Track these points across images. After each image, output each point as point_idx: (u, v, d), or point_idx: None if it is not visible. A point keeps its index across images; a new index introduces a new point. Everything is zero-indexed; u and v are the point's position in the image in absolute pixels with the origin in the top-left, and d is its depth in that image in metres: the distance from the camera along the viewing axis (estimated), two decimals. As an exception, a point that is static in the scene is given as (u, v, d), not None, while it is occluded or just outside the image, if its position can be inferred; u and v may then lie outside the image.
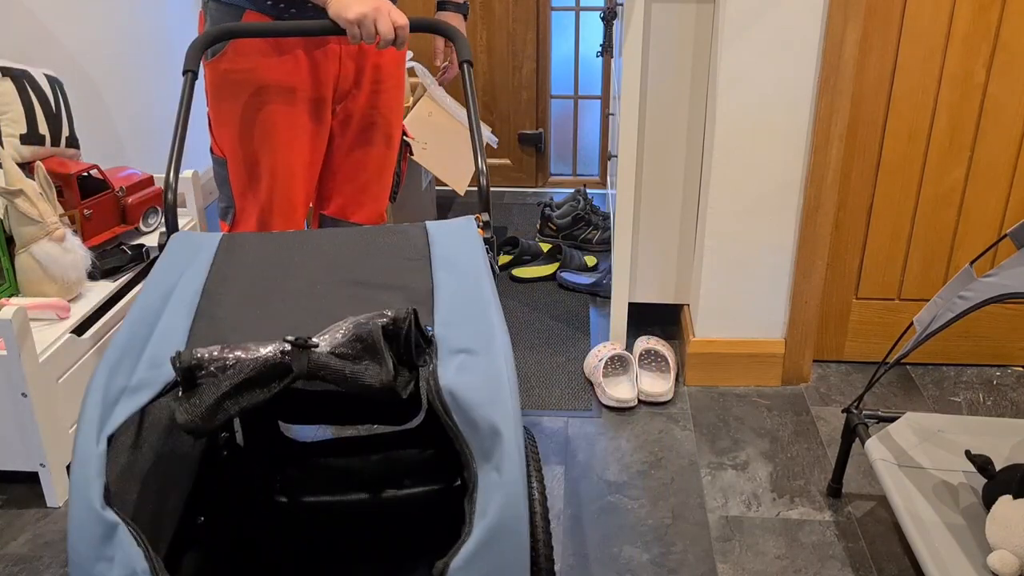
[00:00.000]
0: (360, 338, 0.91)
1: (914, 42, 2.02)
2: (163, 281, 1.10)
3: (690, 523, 1.79)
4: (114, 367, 0.92)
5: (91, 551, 0.77)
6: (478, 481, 0.88)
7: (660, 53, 2.16)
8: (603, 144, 3.59)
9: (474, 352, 0.99)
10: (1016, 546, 1.41)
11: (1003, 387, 2.24)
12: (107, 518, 0.78)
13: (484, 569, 0.86)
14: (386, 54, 1.74)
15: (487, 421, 0.91)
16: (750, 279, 2.18)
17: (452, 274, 1.16)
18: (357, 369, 0.90)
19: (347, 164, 1.81)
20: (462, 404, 0.92)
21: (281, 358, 0.89)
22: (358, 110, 1.76)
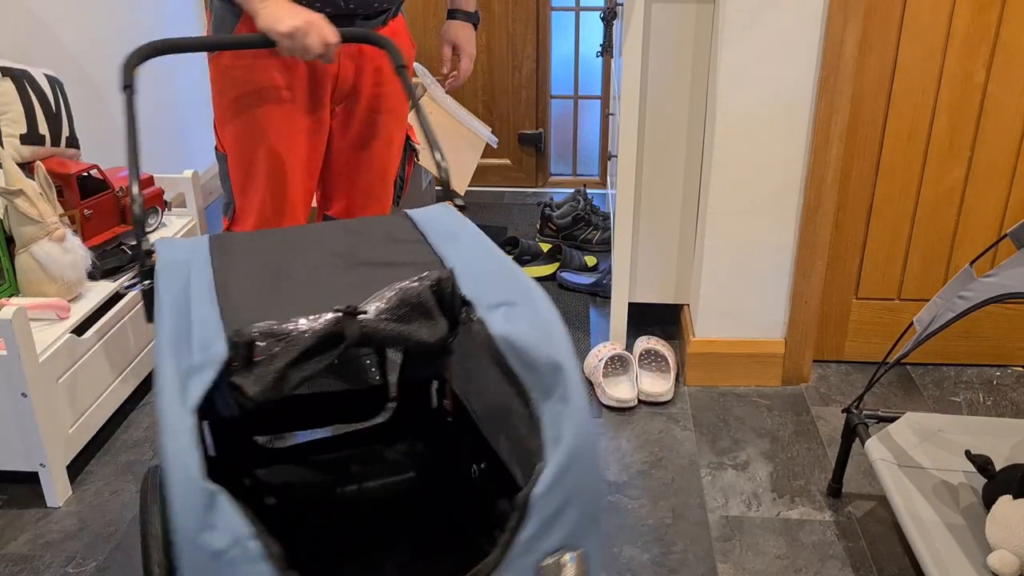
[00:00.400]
0: (406, 302, 0.94)
1: (914, 42, 2.02)
2: (175, 281, 1.09)
3: (690, 523, 1.79)
4: (174, 349, 0.92)
5: (196, 521, 0.77)
6: (543, 416, 0.91)
7: (660, 53, 2.16)
8: (603, 144, 3.59)
9: (515, 303, 1.01)
10: (1016, 546, 1.41)
11: (1003, 387, 2.24)
12: (208, 488, 0.79)
13: (564, 493, 0.89)
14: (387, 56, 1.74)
15: (546, 358, 0.93)
16: (750, 279, 2.19)
17: (458, 248, 1.17)
18: (410, 329, 0.94)
19: (349, 165, 1.81)
20: (518, 347, 0.95)
21: (334, 327, 0.91)
22: (359, 112, 1.76)
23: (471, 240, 1.20)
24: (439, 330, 0.96)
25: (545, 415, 0.92)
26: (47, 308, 1.91)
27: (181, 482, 0.78)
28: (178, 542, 0.77)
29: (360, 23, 1.66)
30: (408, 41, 1.80)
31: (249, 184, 1.71)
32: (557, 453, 0.89)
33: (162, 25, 3.09)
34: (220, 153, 1.74)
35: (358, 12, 1.64)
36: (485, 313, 0.99)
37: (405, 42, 1.79)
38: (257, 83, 1.64)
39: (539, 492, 0.88)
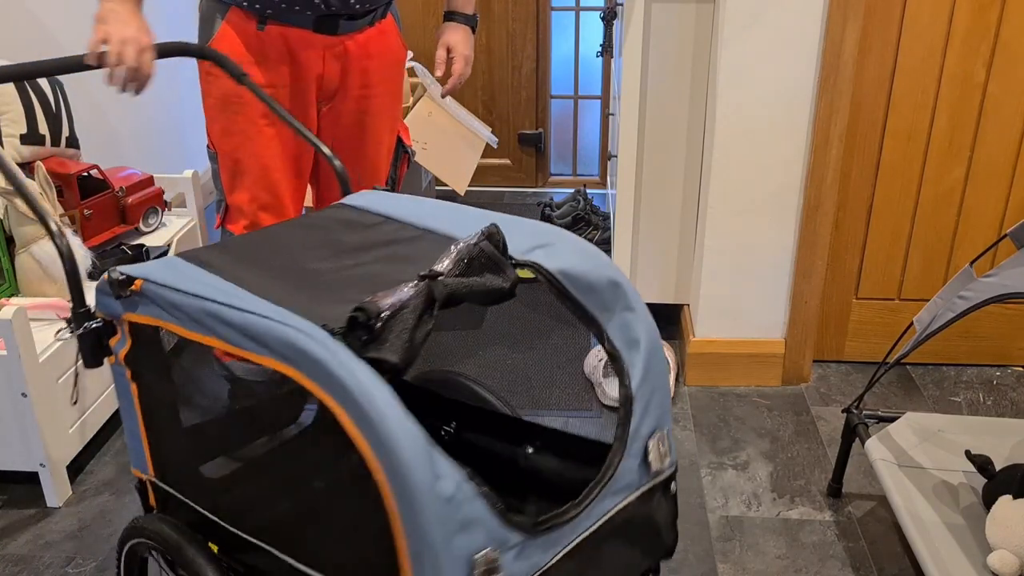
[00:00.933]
0: (472, 258, 0.98)
1: (914, 42, 2.02)
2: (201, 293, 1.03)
3: (690, 523, 1.79)
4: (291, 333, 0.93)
5: (429, 475, 0.85)
6: (611, 327, 1.06)
7: (660, 53, 2.16)
8: (603, 144, 3.59)
9: (550, 244, 1.09)
10: (1016, 546, 1.41)
11: (1003, 387, 2.24)
12: (429, 444, 0.86)
13: (651, 384, 1.08)
14: (376, 56, 1.73)
15: (603, 278, 1.07)
16: (750, 279, 2.19)
17: (448, 221, 1.19)
18: (485, 280, 0.98)
19: None
20: (574, 276, 1.05)
21: (426, 291, 0.93)
22: (347, 112, 1.75)
23: (458, 211, 1.22)
24: (510, 276, 1.00)
25: (613, 326, 1.06)
26: (47, 308, 1.91)
27: (411, 445, 0.85)
28: (416, 496, 0.84)
29: (344, 24, 1.66)
30: (398, 42, 1.79)
31: (238, 182, 1.71)
32: (639, 352, 1.07)
33: (162, 25, 3.08)
34: (211, 151, 1.75)
35: (342, 13, 1.63)
36: (527, 256, 1.05)
37: (395, 43, 1.78)
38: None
39: (636, 386, 1.06)
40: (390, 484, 0.86)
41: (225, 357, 1.34)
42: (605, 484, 1.03)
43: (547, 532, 0.96)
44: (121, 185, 2.30)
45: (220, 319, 0.98)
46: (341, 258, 1.12)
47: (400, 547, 0.88)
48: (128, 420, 1.21)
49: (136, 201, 2.34)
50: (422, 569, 0.87)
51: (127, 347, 1.15)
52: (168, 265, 1.13)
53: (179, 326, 1.04)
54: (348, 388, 0.86)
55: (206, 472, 1.25)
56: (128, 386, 1.18)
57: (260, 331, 0.94)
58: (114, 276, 1.10)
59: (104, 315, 1.15)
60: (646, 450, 1.07)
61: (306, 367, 0.90)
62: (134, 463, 1.25)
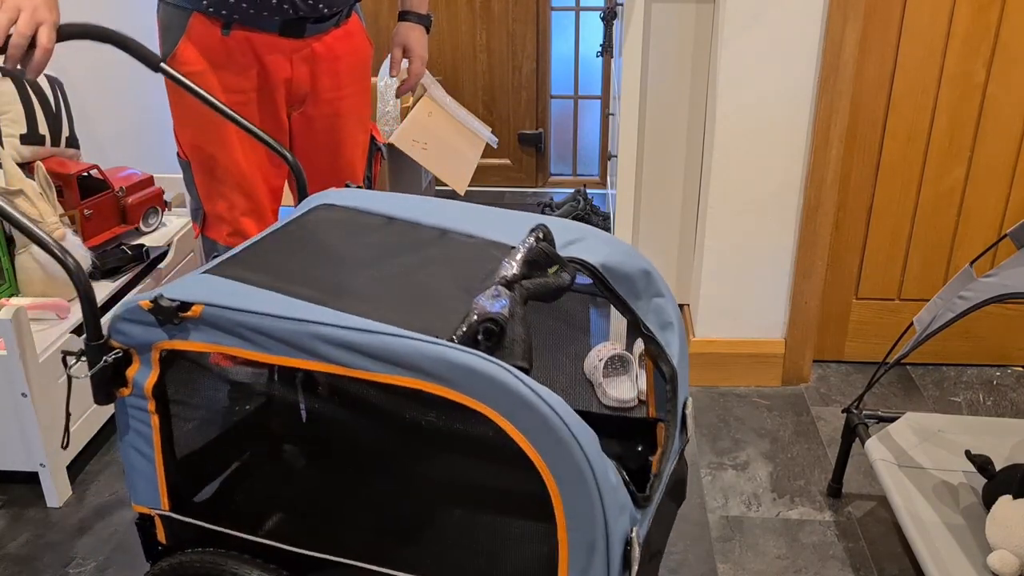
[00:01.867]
0: (534, 260, 1.03)
1: (914, 42, 2.02)
2: (293, 315, 0.99)
3: (690, 523, 1.79)
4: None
5: (603, 468, 0.92)
6: (644, 312, 1.16)
7: (660, 53, 2.16)
8: (603, 144, 3.59)
9: (581, 239, 1.15)
10: (1016, 546, 1.41)
11: (1003, 387, 2.24)
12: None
13: (684, 360, 1.21)
14: (344, 57, 1.72)
15: (636, 268, 1.16)
16: (750, 279, 2.19)
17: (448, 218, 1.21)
18: (555, 279, 1.03)
19: (315, 169, 1.79)
20: (613, 268, 1.12)
21: (515, 296, 0.97)
22: (319, 116, 1.73)
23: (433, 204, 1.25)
24: (570, 272, 1.05)
25: (648, 310, 1.16)
26: (47, 308, 1.91)
27: (591, 442, 0.91)
28: (600, 489, 0.91)
29: (311, 27, 1.65)
30: (364, 41, 1.78)
31: (215, 189, 1.69)
32: (674, 333, 1.19)
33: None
34: (183, 160, 1.72)
35: (308, 16, 1.63)
36: (565, 251, 1.11)
37: (362, 42, 1.77)
38: (208, 89, 1.62)
39: (676, 363, 1.18)
40: (563, 482, 0.90)
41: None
42: (668, 454, 1.15)
43: (649, 504, 1.07)
44: (121, 185, 2.30)
45: (333, 342, 0.94)
46: (385, 264, 1.10)
47: (563, 540, 0.93)
48: (136, 455, 1.13)
49: (136, 201, 2.34)
50: (594, 553, 0.93)
51: (154, 377, 1.07)
52: (214, 285, 1.05)
53: (255, 351, 0.99)
54: (524, 398, 0.89)
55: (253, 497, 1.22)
56: (148, 418, 1.10)
57: (398, 351, 0.91)
58: (164, 303, 1.01)
59: (124, 345, 1.07)
60: (684, 418, 1.21)
61: (462, 383, 0.90)
62: (139, 499, 1.16)
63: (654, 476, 1.10)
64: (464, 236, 1.16)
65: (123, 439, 1.13)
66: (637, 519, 1.01)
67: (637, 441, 1.28)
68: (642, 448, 1.27)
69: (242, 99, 1.64)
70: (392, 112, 2.80)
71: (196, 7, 1.59)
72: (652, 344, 1.16)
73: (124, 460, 1.14)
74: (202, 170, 1.69)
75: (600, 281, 1.12)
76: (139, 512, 1.17)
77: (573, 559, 0.93)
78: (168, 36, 1.64)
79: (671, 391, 1.16)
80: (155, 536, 1.18)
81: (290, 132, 1.74)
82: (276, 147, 1.42)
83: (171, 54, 1.62)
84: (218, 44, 1.60)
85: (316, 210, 1.28)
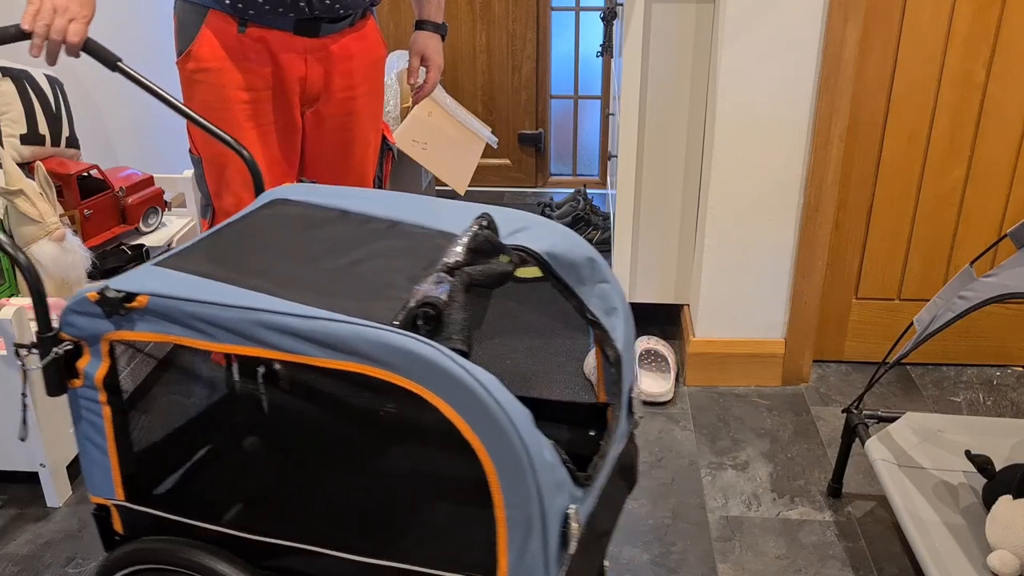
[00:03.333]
0: (479, 248, 1.04)
1: (914, 42, 2.02)
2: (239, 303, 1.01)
3: (690, 523, 1.79)
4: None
5: (538, 446, 0.94)
6: (590, 298, 1.18)
7: (660, 53, 2.16)
8: (603, 144, 3.59)
9: (527, 227, 1.17)
10: (1016, 546, 1.41)
11: (1003, 387, 2.24)
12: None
13: (629, 345, 1.23)
14: (358, 57, 1.73)
15: (581, 255, 1.18)
16: (750, 279, 2.19)
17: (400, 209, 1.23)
18: (499, 265, 1.05)
19: (326, 168, 1.80)
20: (558, 255, 1.14)
21: (456, 282, 0.99)
22: (331, 115, 1.75)
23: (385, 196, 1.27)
24: (513, 260, 1.06)
25: (592, 296, 1.19)
26: (47, 308, 1.91)
27: (526, 423, 0.93)
28: (534, 467, 0.93)
29: (325, 27, 1.65)
30: (379, 41, 1.79)
31: (224, 187, 1.70)
32: (618, 318, 1.21)
33: (162, 25, 3.09)
34: (195, 156, 1.74)
35: (323, 16, 1.63)
36: (514, 240, 1.13)
37: (376, 43, 1.78)
38: (222, 86, 1.63)
39: (621, 348, 1.20)
40: (499, 461, 0.92)
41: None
42: (613, 436, 1.18)
43: (591, 484, 1.08)
44: (121, 185, 2.30)
45: (276, 328, 0.95)
46: (336, 255, 1.12)
47: (500, 519, 0.95)
48: (91, 446, 1.14)
49: (136, 201, 2.34)
50: (530, 531, 0.95)
51: (104, 368, 1.08)
52: (161, 276, 1.07)
53: (202, 340, 0.99)
54: (459, 379, 0.91)
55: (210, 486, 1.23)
56: (99, 409, 1.11)
57: (339, 336, 0.93)
58: (110, 294, 1.03)
59: (74, 337, 1.08)
60: (631, 401, 1.24)
61: (400, 365, 0.91)
62: (96, 490, 1.17)
63: (597, 457, 1.13)
64: (414, 227, 1.19)
65: (77, 430, 1.15)
66: (578, 497, 1.04)
67: (589, 427, 1.31)
68: (594, 433, 1.30)
69: (256, 97, 1.65)
70: (392, 112, 2.80)
71: (213, 4, 1.60)
72: (597, 329, 1.18)
73: (79, 451, 1.16)
74: (212, 166, 1.70)
75: (545, 268, 1.13)
76: (96, 503, 1.19)
77: (512, 537, 0.96)
78: (184, 33, 1.65)
79: (616, 375, 1.19)
80: (112, 526, 1.20)
81: (303, 130, 1.75)
82: (231, 142, 1.43)
83: (187, 51, 1.64)
84: (234, 42, 1.61)
85: (271, 204, 1.30)
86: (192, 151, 1.74)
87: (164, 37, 1.57)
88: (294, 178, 1.80)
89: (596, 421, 1.30)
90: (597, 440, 1.28)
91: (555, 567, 0.98)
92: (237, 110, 1.65)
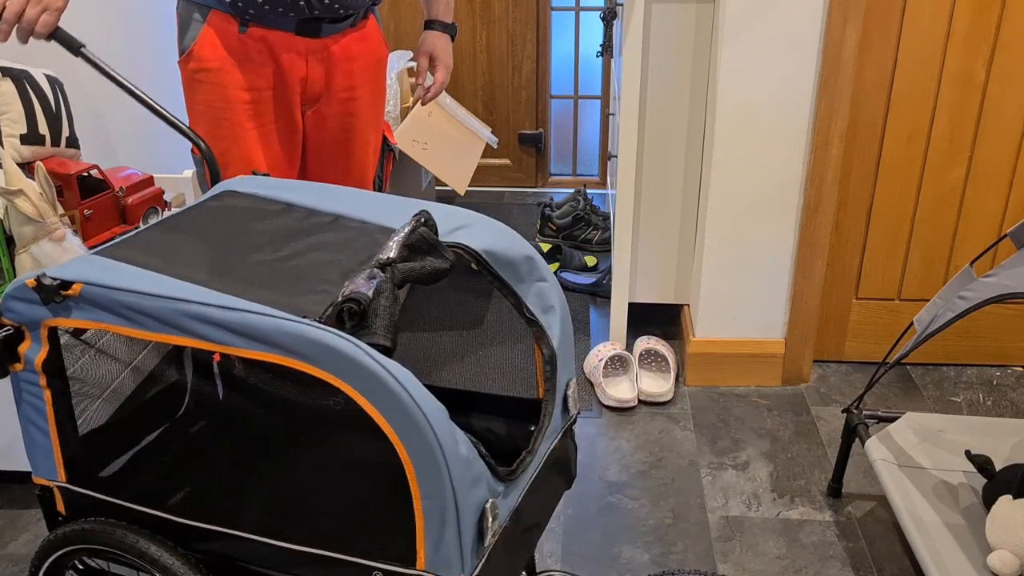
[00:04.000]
0: (414, 244, 1.05)
1: (914, 42, 2.02)
2: (167, 293, 1.04)
3: (690, 523, 1.79)
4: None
5: (452, 440, 0.96)
6: (527, 295, 1.20)
7: (660, 53, 2.16)
8: (603, 144, 3.59)
9: (468, 225, 1.18)
10: (1016, 546, 1.41)
11: (1003, 387, 2.24)
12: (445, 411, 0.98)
13: (567, 342, 1.24)
14: (359, 58, 1.73)
15: (519, 254, 1.19)
16: (750, 279, 2.19)
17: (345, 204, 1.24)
18: (430, 263, 1.05)
19: (326, 168, 1.80)
20: (495, 253, 1.16)
21: (389, 277, 1.00)
22: (332, 115, 1.75)
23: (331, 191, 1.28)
24: (448, 258, 1.07)
25: (530, 294, 1.20)
26: (47, 308, 1.91)
27: (440, 418, 0.95)
28: (447, 461, 0.95)
29: (326, 27, 1.65)
30: (380, 42, 1.79)
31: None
32: (555, 316, 1.22)
33: (162, 25, 3.09)
34: (196, 156, 1.74)
35: (324, 17, 1.63)
36: (452, 238, 1.13)
37: (377, 43, 1.77)
38: (223, 86, 1.64)
39: (556, 346, 1.20)
40: (414, 454, 0.94)
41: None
42: (544, 431, 1.20)
43: (515, 478, 1.10)
44: (121, 185, 2.30)
45: (200, 318, 0.98)
46: (274, 248, 1.14)
47: (418, 510, 0.97)
48: (34, 428, 1.20)
49: (136, 201, 2.33)
50: (445, 523, 0.97)
51: (43, 353, 1.13)
52: (97, 265, 1.09)
53: (133, 328, 1.03)
54: (375, 374, 0.92)
55: (145, 470, 1.27)
56: (40, 393, 1.16)
57: (260, 328, 0.95)
58: (46, 281, 1.06)
59: (14, 322, 1.11)
60: (566, 398, 1.25)
61: (319, 358, 0.93)
62: (39, 472, 1.23)
63: (525, 452, 1.14)
64: (356, 222, 1.21)
65: (20, 413, 1.19)
66: (498, 491, 1.06)
67: (529, 421, 1.33)
68: (534, 428, 1.32)
69: (258, 97, 1.65)
70: (392, 112, 2.80)
71: (214, 4, 1.60)
72: (534, 327, 1.20)
73: (23, 434, 1.21)
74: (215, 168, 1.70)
75: (483, 266, 1.15)
76: (39, 484, 1.24)
77: (428, 527, 0.98)
78: (186, 32, 1.65)
79: (550, 371, 1.21)
80: (55, 507, 1.25)
81: (304, 130, 1.75)
82: (188, 133, 1.45)
83: (188, 51, 1.64)
84: (235, 42, 1.62)
85: (219, 196, 1.31)
86: (194, 151, 1.75)
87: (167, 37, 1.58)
88: (295, 178, 1.80)
89: (536, 416, 1.32)
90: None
91: (471, 558, 1.01)
92: (238, 110, 1.65)
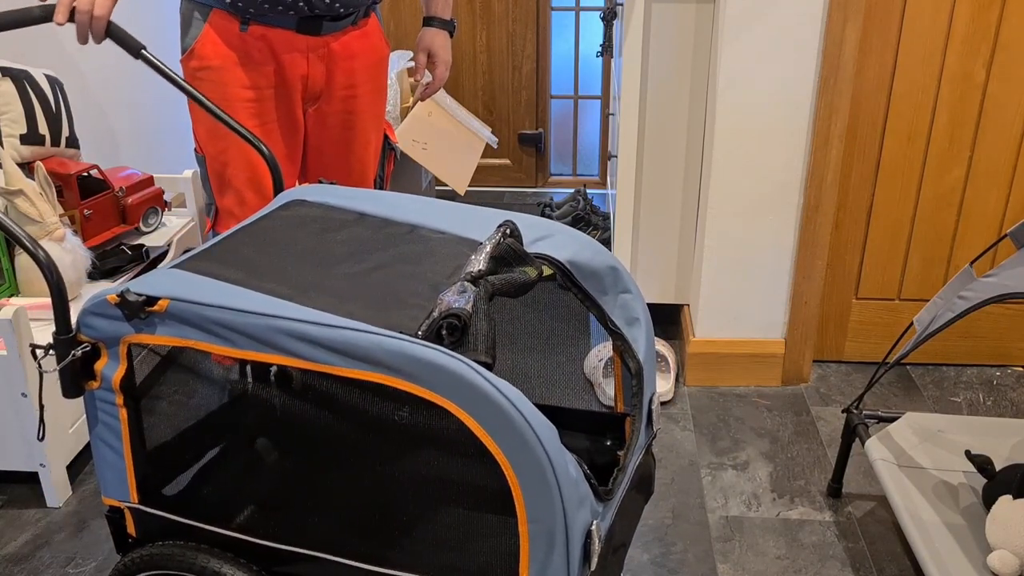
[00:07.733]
0: (503, 256, 1.04)
1: (914, 42, 2.02)
2: (258, 309, 1.00)
3: (690, 523, 1.79)
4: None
5: (563, 461, 0.94)
6: (612, 308, 1.18)
7: (660, 53, 2.16)
8: (603, 144, 3.59)
9: (549, 235, 1.16)
10: (1016, 546, 1.41)
11: (1003, 387, 2.24)
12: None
13: (650, 355, 1.23)
14: (360, 56, 1.73)
15: (603, 264, 1.18)
16: (750, 279, 2.19)
17: (421, 214, 1.21)
18: (516, 275, 1.03)
19: (327, 167, 1.80)
20: (580, 264, 1.14)
21: (479, 291, 0.98)
22: (333, 113, 1.75)
23: (404, 200, 1.25)
24: (537, 269, 1.06)
25: (614, 306, 1.18)
26: (47, 308, 1.91)
27: (551, 437, 0.93)
28: (559, 482, 0.93)
29: (327, 25, 1.65)
30: (381, 40, 1.79)
31: (226, 186, 1.71)
32: (640, 328, 1.21)
33: (162, 25, 3.09)
34: (199, 155, 1.74)
35: (324, 15, 1.63)
36: (536, 248, 1.12)
37: (378, 42, 1.78)
38: (225, 85, 1.64)
39: (643, 359, 1.19)
40: (523, 475, 0.91)
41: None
42: (632, 448, 1.17)
43: (612, 497, 1.08)
44: (121, 185, 2.30)
45: (295, 335, 0.94)
46: (356, 260, 1.10)
47: (523, 534, 0.94)
48: (106, 448, 1.14)
49: (136, 201, 2.34)
50: (553, 547, 0.94)
51: (122, 371, 1.08)
52: (181, 279, 1.05)
53: (222, 345, 0.99)
54: (485, 393, 0.89)
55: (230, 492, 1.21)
56: (116, 412, 1.11)
57: (359, 346, 0.92)
58: (131, 297, 1.02)
59: (92, 339, 1.07)
60: (650, 412, 1.23)
61: (423, 377, 0.90)
62: (110, 492, 1.17)
63: (618, 470, 1.12)
64: (434, 232, 1.17)
65: (92, 432, 1.14)
66: (599, 512, 1.03)
67: (606, 436, 1.30)
68: (611, 443, 1.29)
69: (259, 95, 1.66)
70: (392, 112, 2.80)
71: (215, 3, 1.61)
72: (619, 340, 1.18)
73: (94, 453, 1.15)
74: (215, 165, 1.71)
75: (567, 277, 1.13)
76: (109, 505, 1.18)
77: (534, 552, 0.95)
78: (187, 31, 1.66)
79: (636, 386, 1.18)
80: (125, 529, 1.19)
81: (304, 129, 1.75)
82: (252, 140, 1.42)
83: (190, 49, 1.64)
84: (236, 40, 1.62)
85: (289, 206, 1.28)
86: (197, 150, 1.75)
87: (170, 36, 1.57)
88: (296, 176, 1.80)
89: (612, 430, 1.28)
90: (613, 449, 1.28)
91: None
92: (240, 108, 1.65)
